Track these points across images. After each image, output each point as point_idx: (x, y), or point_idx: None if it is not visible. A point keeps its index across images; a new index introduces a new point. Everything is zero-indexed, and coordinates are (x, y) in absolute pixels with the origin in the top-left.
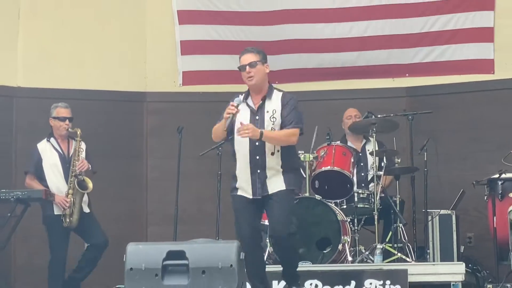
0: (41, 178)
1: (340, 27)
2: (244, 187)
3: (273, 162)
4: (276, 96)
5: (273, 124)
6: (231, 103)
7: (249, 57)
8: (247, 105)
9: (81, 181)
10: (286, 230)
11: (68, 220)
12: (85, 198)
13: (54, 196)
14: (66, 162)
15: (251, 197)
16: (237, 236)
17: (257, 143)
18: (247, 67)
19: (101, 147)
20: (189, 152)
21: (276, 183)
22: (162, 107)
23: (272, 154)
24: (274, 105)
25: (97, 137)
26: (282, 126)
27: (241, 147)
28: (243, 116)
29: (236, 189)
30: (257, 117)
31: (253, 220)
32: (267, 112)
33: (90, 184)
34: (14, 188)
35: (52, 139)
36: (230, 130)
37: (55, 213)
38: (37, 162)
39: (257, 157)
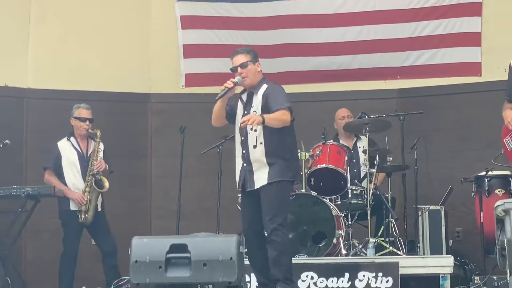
0: (59, 174)
1: (335, 31)
2: (240, 180)
3: (257, 155)
4: (261, 90)
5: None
6: (231, 79)
7: (240, 58)
8: (241, 99)
9: (98, 180)
10: (271, 225)
11: (83, 216)
12: (99, 197)
13: (68, 192)
14: (84, 160)
15: (247, 189)
16: None
17: (242, 138)
18: (239, 68)
19: (108, 146)
20: (191, 151)
21: (260, 178)
22: (166, 107)
23: (255, 147)
24: (258, 99)
25: (104, 136)
26: (270, 112)
27: (237, 141)
28: (239, 110)
29: (239, 184)
30: (245, 112)
31: (249, 212)
32: (252, 106)
33: (106, 184)
34: (24, 184)
35: (72, 138)
36: (230, 118)
37: (71, 208)
38: (56, 159)
39: (244, 151)
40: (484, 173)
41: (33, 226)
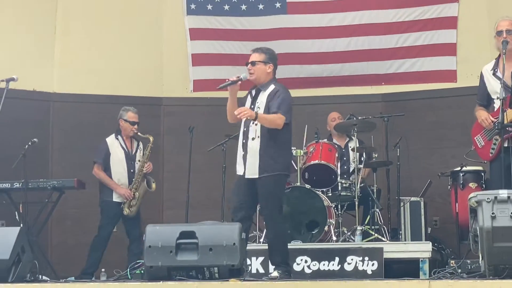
0: (106, 169)
1: (327, 42)
2: (240, 166)
3: (254, 146)
4: (269, 89)
5: (259, 112)
6: (237, 74)
7: (254, 56)
8: (250, 94)
9: (148, 181)
10: (269, 212)
11: (128, 210)
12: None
13: (116, 187)
14: (130, 159)
15: (245, 176)
16: None
17: (245, 129)
18: (249, 64)
19: None
20: (198, 148)
21: (254, 168)
22: (176, 110)
23: (253, 139)
24: (264, 97)
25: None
26: (270, 112)
27: (240, 132)
28: (247, 104)
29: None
30: (251, 106)
31: (240, 196)
32: (257, 103)
33: (154, 185)
34: (50, 178)
35: (119, 137)
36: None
37: (114, 199)
38: (106, 154)
39: (244, 141)
40: (459, 168)
41: (58, 214)
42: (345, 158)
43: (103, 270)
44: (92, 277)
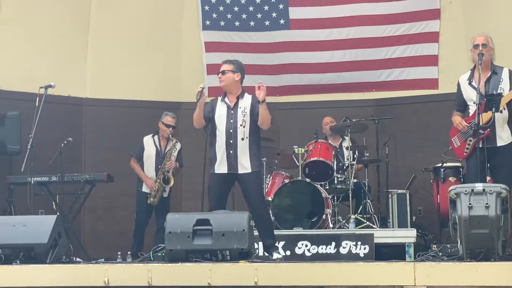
0: (140, 162)
1: (324, 54)
2: (222, 165)
3: (244, 146)
4: (247, 97)
5: (243, 116)
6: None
7: (224, 67)
8: (225, 102)
9: (166, 178)
10: (261, 204)
11: (151, 199)
12: (168, 187)
13: (145, 178)
14: (159, 156)
15: (226, 172)
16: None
17: (231, 131)
18: (220, 73)
19: None
20: None
21: (244, 165)
22: (193, 113)
23: (242, 139)
24: (245, 103)
25: (146, 134)
26: (254, 117)
27: (221, 134)
28: (221, 110)
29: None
30: (231, 112)
31: (219, 191)
32: (240, 108)
33: (172, 181)
34: (83, 172)
35: (155, 136)
36: (208, 120)
37: (143, 190)
38: (140, 150)
39: (231, 141)
40: (440, 164)
41: (89, 204)
42: (340, 156)
43: (129, 253)
44: (137, 256)
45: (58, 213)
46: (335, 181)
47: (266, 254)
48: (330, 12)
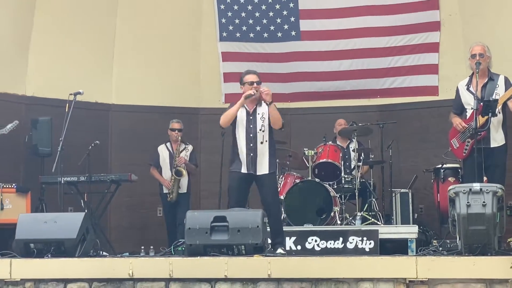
0: (158, 168)
1: (333, 63)
2: (243, 166)
3: (263, 149)
4: (265, 104)
5: (262, 122)
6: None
7: (254, 77)
8: (245, 108)
9: (178, 170)
10: (276, 203)
11: (170, 196)
12: (184, 182)
13: (163, 181)
14: (173, 158)
15: (246, 171)
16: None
17: (251, 135)
18: (255, 83)
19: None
20: (228, 149)
21: (263, 167)
22: (211, 118)
23: (261, 143)
24: (263, 109)
25: (167, 139)
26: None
27: (242, 137)
28: (242, 116)
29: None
30: (251, 117)
31: (239, 190)
32: (258, 114)
33: (184, 173)
34: (109, 173)
35: (168, 143)
36: (233, 122)
37: (164, 191)
38: (156, 157)
39: (251, 145)
40: (440, 165)
41: (115, 202)
42: (347, 157)
43: (151, 247)
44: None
45: (86, 211)
46: (343, 181)
47: (272, 249)
48: (338, 25)
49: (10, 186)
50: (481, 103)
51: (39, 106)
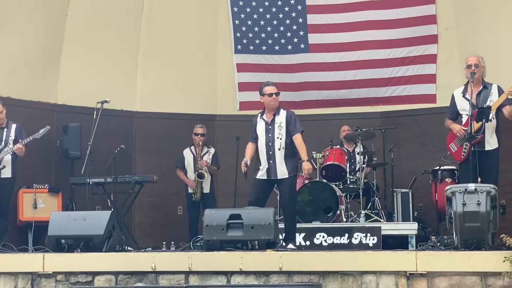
0: (183, 170)
1: (339, 73)
2: (264, 171)
3: (281, 155)
4: (282, 113)
5: (280, 130)
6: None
7: (274, 88)
8: (263, 119)
9: (200, 173)
10: (293, 204)
11: (195, 196)
12: (207, 183)
13: (187, 181)
14: (196, 161)
15: (270, 178)
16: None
17: (270, 143)
18: (274, 95)
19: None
20: (242, 152)
21: (282, 171)
22: (226, 124)
23: (279, 149)
24: (281, 119)
25: (187, 145)
26: (289, 131)
27: (262, 145)
28: (261, 126)
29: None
30: (269, 127)
31: (259, 192)
32: (276, 123)
33: (205, 175)
34: (133, 174)
35: (192, 147)
36: (253, 138)
37: (189, 192)
38: (182, 160)
39: (270, 152)
40: (437, 167)
41: (139, 202)
42: (352, 160)
43: (172, 243)
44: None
45: (112, 209)
46: (348, 182)
47: (284, 244)
48: (344, 38)
49: (43, 187)
50: (476, 110)
51: (69, 113)
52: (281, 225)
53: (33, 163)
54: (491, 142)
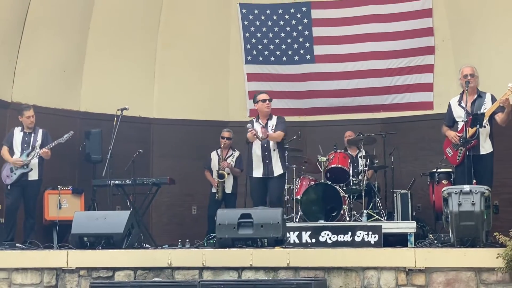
0: (210, 171)
1: (342, 82)
2: (261, 170)
3: (275, 156)
4: (274, 118)
5: (273, 131)
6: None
7: (267, 95)
8: (259, 123)
9: (220, 174)
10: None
11: (217, 195)
12: (229, 183)
13: (212, 180)
14: (220, 163)
15: (266, 177)
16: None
17: (265, 145)
18: (268, 101)
19: (203, 155)
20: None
21: (277, 170)
22: (238, 129)
23: (274, 150)
24: (273, 122)
25: (200, 149)
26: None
27: (257, 147)
28: (257, 129)
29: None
30: (264, 129)
31: (260, 190)
32: (269, 126)
33: (225, 176)
34: (151, 176)
35: (218, 150)
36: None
37: (212, 191)
38: (209, 162)
39: (266, 153)
40: (435, 170)
41: (156, 202)
42: (355, 164)
43: (187, 240)
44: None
45: (131, 209)
46: (351, 183)
47: None
48: (347, 49)
49: (66, 188)
50: (471, 116)
51: (91, 120)
52: (292, 224)
53: (58, 166)
54: (485, 147)
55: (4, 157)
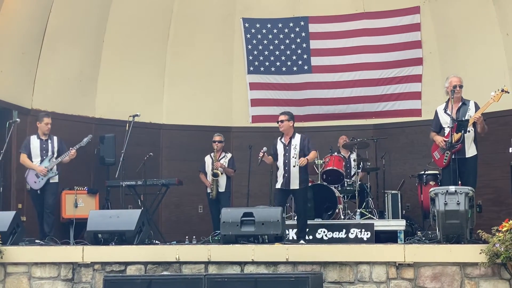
0: (204, 173)
1: (337, 91)
2: (282, 183)
3: (295, 171)
4: (297, 137)
5: (295, 151)
6: (262, 151)
7: (281, 117)
8: (281, 142)
9: (214, 172)
10: (304, 209)
11: (211, 195)
12: (222, 183)
13: (205, 182)
14: (213, 164)
15: (285, 188)
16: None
17: (286, 161)
18: (279, 122)
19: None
20: (254, 159)
21: (295, 183)
22: (241, 135)
23: (294, 167)
24: (296, 141)
25: (206, 152)
26: (303, 152)
27: (280, 162)
28: (280, 148)
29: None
30: (287, 147)
31: (280, 199)
32: (292, 145)
33: (219, 174)
34: (160, 178)
35: (212, 153)
36: (274, 156)
37: (208, 191)
38: (203, 165)
39: (286, 168)
40: (423, 172)
41: (165, 201)
42: (348, 165)
43: (194, 237)
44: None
45: (142, 208)
46: (345, 184)
47: (296, 239)
48: (341, 61)
49: (82, 189)
50: (456, 123)
51: (105, 126)
52: (291, 222)
53: (75, 168)
54: (470, 151)
55: (25, 164)
